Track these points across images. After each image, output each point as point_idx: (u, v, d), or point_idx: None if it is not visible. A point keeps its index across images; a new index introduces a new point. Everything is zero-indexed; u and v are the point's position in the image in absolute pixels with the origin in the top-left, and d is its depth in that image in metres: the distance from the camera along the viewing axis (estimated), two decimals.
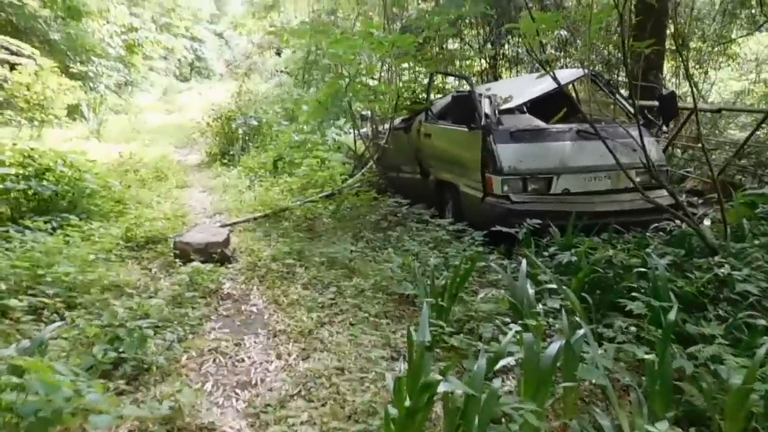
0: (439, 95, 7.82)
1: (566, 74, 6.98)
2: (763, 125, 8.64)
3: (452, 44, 15.59)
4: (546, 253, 4.96)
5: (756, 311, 3.61)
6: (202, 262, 5.49)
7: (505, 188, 5.82)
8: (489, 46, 14.54)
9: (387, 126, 7.98)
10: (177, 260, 5.39)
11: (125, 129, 15.32)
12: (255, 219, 6.86)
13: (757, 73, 13.87)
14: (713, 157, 8.32)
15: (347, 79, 6.65)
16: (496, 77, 14.40)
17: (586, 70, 6.93)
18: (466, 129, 6.22)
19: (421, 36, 6.72)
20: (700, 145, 8.05)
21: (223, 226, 6.62)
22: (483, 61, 15.08)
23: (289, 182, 7.79)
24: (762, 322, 3.39)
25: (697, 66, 13.32)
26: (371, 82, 7.41)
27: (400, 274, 4.82)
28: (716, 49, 12.18)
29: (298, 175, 7.74)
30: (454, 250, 5.34)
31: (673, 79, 13.24)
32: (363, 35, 6.07)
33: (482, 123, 6.02)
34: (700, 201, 6.72)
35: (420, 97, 7.56)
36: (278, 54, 22.83)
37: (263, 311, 4.59)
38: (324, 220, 6.71)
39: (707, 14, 13.92)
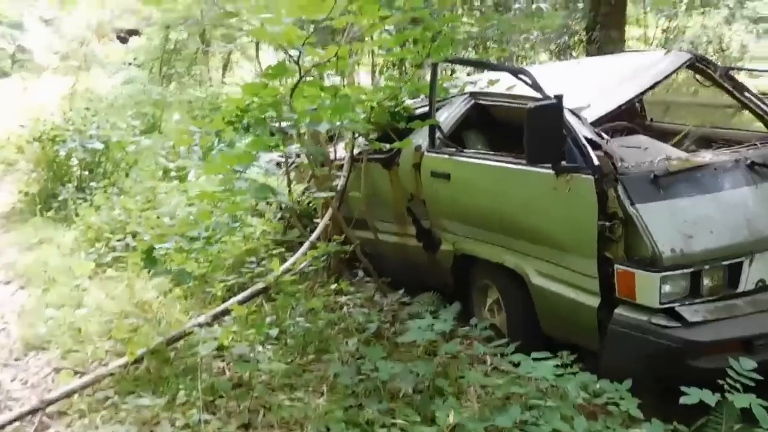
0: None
1: (654, 60, 4.14)
2: None
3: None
4: None
5: None
6: None
7: (665, 291, 2.88)
8: None
9: (346, 152, 4.73)
10: None
11: None
12: (112, 375, 3.37)
13: None
14: None
15: (296, 76, 3.33)
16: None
17: (689, 54, 4.14)
18: (548, 171, 3.20)
19: None
20: None
21: (30, 414, 3.07)
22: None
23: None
24: None
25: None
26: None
27: None
28: None
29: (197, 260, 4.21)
30: None
31: None
32: None
33: (594, 161, 3.02)
34: None
35: (402, 104, 4.38)
36: (122, 41, 18.37)
37: None
38: (265, 365, 3.35)
39: None
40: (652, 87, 3.89)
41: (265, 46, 9.84)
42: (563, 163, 3.15)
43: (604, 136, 3.29)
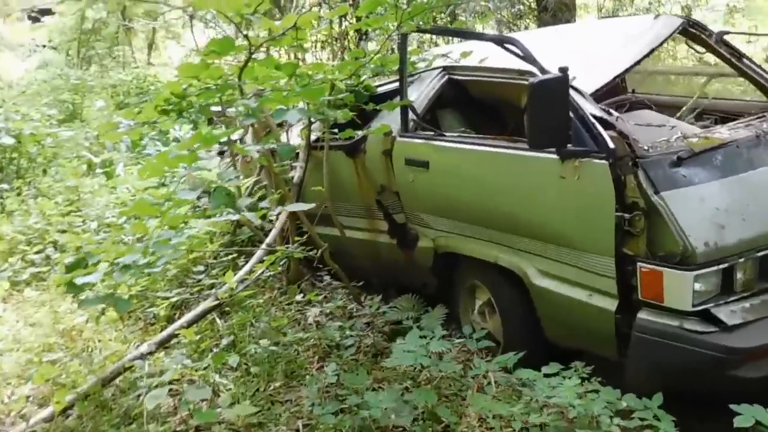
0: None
1: (643, 25, 3.72)
2: None
3: None
4: None
5: None
6: None
7: (698, 291, 2.47)
8: None
9: (301, 139, 4.16)
10: None
11: None
12: None
13: None
14: None
15: (247, 53, 2.72)
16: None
17: (681, 18, 3.74)
18: (551, 156, 2.74)
19: None
20: None
21: None
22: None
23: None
24: None
25: None
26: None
27: None
28: None
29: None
30: None
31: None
32: None
33: (608, 143, 2.58)
34: None
35: (364, 82, 3.82)
36: (34, 20, 16.87)
37: None
38: (227, 408, 2.78)
39: None
40: (647, 55, 3.48)
41: (195, 21, 9.01)
42: (569, 146, 2.70)
43: (613, 112, 2.85)
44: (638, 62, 3.41)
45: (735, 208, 2.60)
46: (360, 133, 3.33)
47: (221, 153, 5.21)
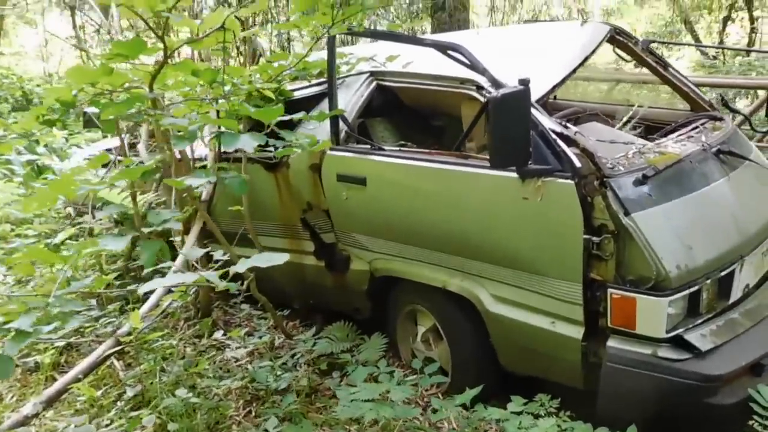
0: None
1: (572, 32, 3.64)
2: None
3: None
4: None
5: None
6: None
7: (671, 316, 2.37)
8: None
9: (209, 150, 3.68)
10: None
11: None
12: None
13: None
14: None
15: (161, 58, 2.20)
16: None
17: (608, 25, 3.68)
18: (510, 175, 2.54)
19: None
20: None
21: None
22: None
23: None
24: None
25: None
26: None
27: None
28: None
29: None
30: None
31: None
32: None
33: (574, 162, 2.42)
34: None
35: (282, 88, 3.42)
36: None
37: None
38: None
39: None
40: (582, 63, 3.37)
41: (57, 8, 7.98)
42: (530, 164, 2.50)
43: (571, 127, 2.69)
44: (575, 70, 3.30)
45: (698, 227, 2.53)
46: (298, 150, 2.94)
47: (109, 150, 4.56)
